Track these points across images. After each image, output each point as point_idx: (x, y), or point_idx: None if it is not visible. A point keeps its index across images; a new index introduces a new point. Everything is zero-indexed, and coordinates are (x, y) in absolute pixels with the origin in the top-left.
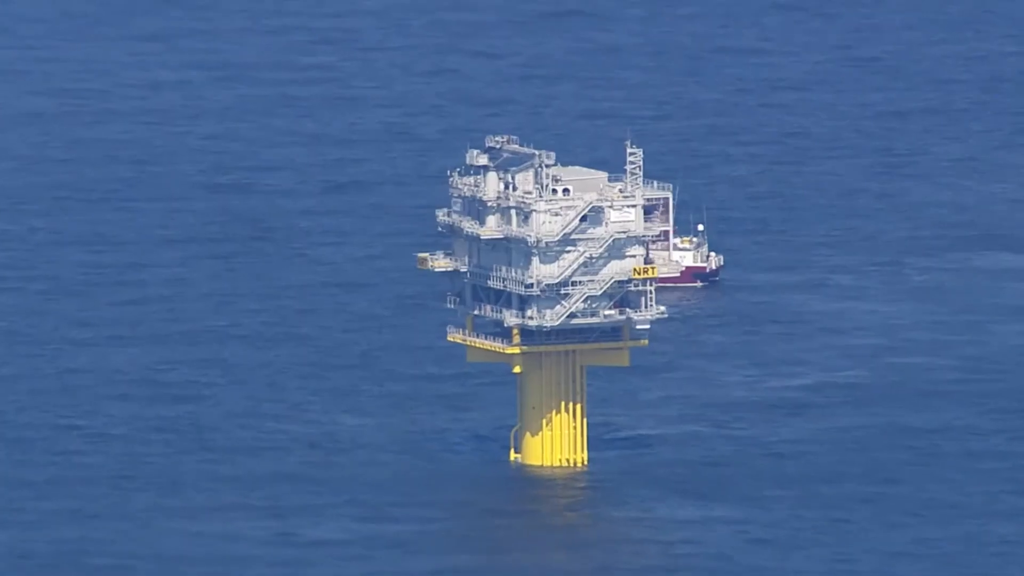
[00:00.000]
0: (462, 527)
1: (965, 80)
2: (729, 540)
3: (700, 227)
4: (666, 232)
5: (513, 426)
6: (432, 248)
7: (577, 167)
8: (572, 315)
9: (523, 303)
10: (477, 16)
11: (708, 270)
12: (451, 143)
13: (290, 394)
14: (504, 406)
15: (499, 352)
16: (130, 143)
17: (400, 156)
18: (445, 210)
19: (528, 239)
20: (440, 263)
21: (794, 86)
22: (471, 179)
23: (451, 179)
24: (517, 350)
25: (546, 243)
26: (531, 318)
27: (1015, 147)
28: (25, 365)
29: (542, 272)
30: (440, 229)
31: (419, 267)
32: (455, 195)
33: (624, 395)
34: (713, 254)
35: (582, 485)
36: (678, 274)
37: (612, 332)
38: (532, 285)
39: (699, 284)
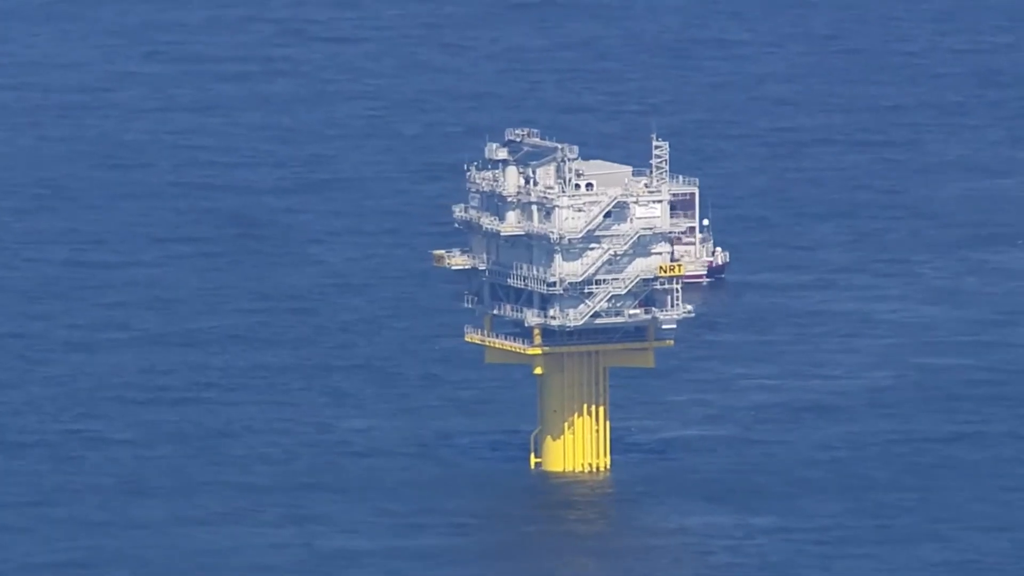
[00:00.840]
0: (489, 536)
1: (956, 73)
2: (772, 549)
3: (705, 222)
4: (692, 228)
5: (532, 430)
6: (425, 245)
7: (599, 161)
8: (596, 315)
9: (545, 302)
10: (448, 8)
11: (714, 265)
12: (431, 138)
13: (294, 397)
14: (516, 408)
15: (520, 353)
16: (100, 139)
17: (380, 152)
18: (462, 206)
19: (551, 236)
20: (457, 260)
21: (781, 79)
22: (490, 174)
23: (468, 173)
24: (539, 351)
25: (569, 240)
26: (553, 318)
27: (1016, 142)
28: (17, 369)
29: (565, 270)
30: (457, 225)
31: (435, 264)
32: (472, 190)
33: (641, 398)
34: (719, 249)
35: (608, 491)
36: (704, 271)
37: (636, 332)
38: (555, 283)
39: (705, 281)
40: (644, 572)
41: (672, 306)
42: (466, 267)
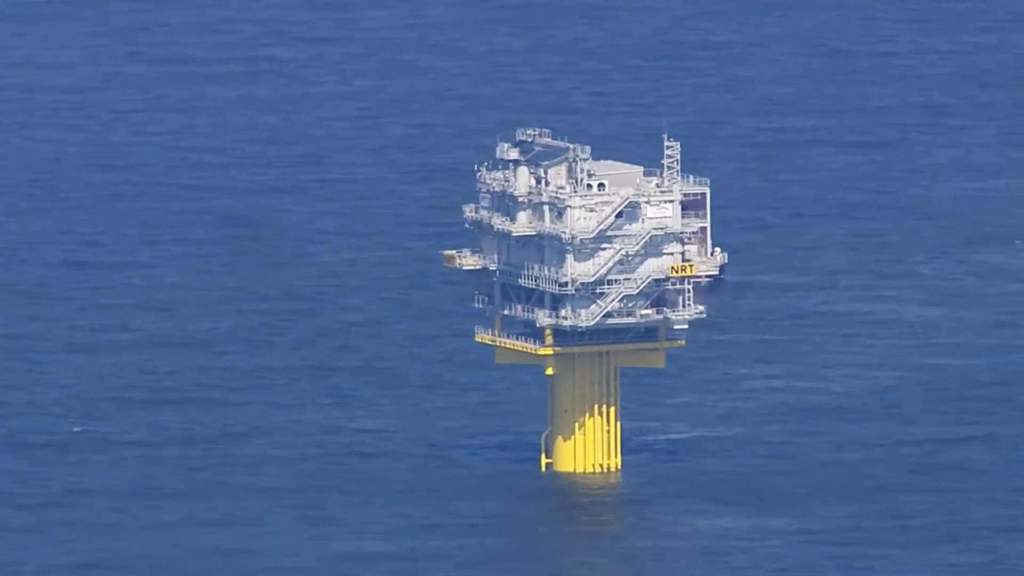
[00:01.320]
0: (501, 537)
1: (942, 73)
2: (787, 551)
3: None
4: (704, 228)
5: (540, 431)
6: (420, 246)
7: (610, 161)
8: (608, 315)
9: (556, 302)
10: (432, 9)
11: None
12: (419, 139)
13: (299, 398)
14: (524, 410)
15: (531, 353)
16: (90, 140)
17: (369, 152)
18: (472, 206)
19: (563, 236)
20: (468, 261)
21: (767, 80)
22: (500, 174)
23: (479, 174)
24: (550, 351)
25: (581, 240)
26: (565, 318)
27: (1005, 142)
28: (19, 370)
29: (577, 270)
30: (467, 225)
31: (446, 264)
32: (483, 190)
33: (647, 399)
34: (718, 250)
35: (620, 492)
36: (717, 271)
37: (647, 333)
38: (567, 284)
39: (703, 281)
40: (660, 573)
41: (684, 306)
42: (477, 267)
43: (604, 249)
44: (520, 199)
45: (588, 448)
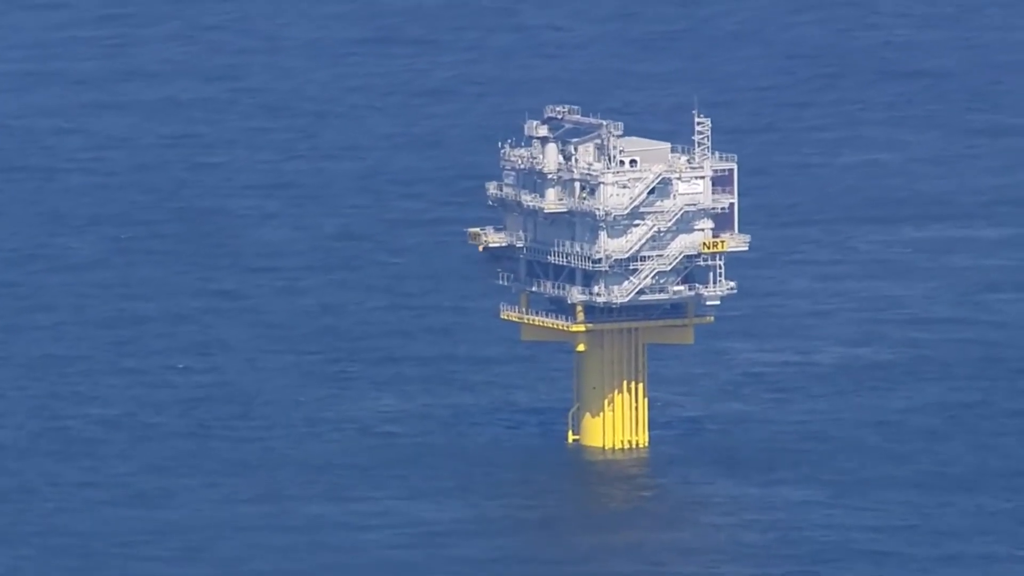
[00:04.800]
0: (531, 516)
1: (814, 54)
2: (827, 520)
3: None
4: (732, 204)
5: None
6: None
7: (635, 138)
8: (640, 291)
9: (588, 279)
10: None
11: None
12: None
13: (299, 383)
14: (541, 387)
15: (562, 330)
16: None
17: (336, 146)
18: (496, 183)
19: (596, 212)
20: (494, 238)
21: (652, 61)
22: (526, 151)
23: (503, 151)
24: (582, 328)
25: (614, 216)
26: (599, 295)
27: (896, 122)
28: (20, 371)
29: (610, 247)
30: (491, 203)
31: (471, 242)
32: (508, 167)
33: (656, 376)
34: None
35: (649, 468)
36: (747, 247)
37: (674, 309)
38: (600, 260)
39: None
40: (698, 546)
41: (715, 282)
42: (503, 244)
43: (637, 225)
44: (549, 176)
45: (617, 424)
